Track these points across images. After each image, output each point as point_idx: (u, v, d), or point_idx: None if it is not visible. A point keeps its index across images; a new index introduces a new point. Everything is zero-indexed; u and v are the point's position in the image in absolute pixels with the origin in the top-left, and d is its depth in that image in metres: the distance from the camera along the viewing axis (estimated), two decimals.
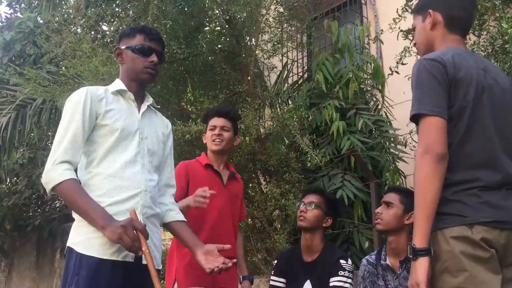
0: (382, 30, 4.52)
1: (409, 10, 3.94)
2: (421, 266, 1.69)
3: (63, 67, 6.24)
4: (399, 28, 3.97)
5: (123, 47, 2.23)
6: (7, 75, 6.79)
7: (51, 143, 8.72)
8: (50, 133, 8.27)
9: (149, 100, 2.27)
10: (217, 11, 5.00)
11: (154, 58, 2.18)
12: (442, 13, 1.99)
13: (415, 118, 1.82)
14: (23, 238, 8.57)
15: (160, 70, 2.29)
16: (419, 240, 1.70)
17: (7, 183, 8.77)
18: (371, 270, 2.93)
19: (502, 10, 3.43)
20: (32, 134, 7.26)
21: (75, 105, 2.06)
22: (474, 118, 1.80)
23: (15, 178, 8.72)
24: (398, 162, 4.73)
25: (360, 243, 4.45)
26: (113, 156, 2.06)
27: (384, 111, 5.01)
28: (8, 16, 10.34)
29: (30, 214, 8.31)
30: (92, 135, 2.07)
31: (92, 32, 5.98)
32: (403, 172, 4.75)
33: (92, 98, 2.08)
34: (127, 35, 2.24)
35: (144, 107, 2.23)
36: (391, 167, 4.56)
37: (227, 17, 4.96)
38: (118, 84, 2.23)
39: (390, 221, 2.83)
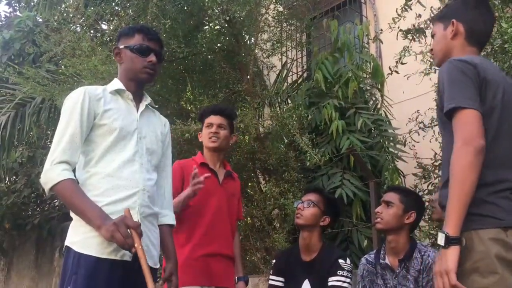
0: (381, 30, 4.52)
1: (409, 10, 3.95)
2: (452, 255, 1.70)
3: (63, 66, 6.24)
4: (398, 27, 3.97)
5: (121, 46, 2.23)
6: (7, 74, 6.78)
7: (50, 142, 8.70)
8: (49, 132, 8.25)
9: (147, 100, 2.27)
10: (216, 10, 5.00)
11: (152, 58, 2.17)
12: (464, 24, 2.03)
13: (450, 112, 1.82)
14: (22, 237, 8.56)
15: (159, 69, 2.29)
16: (453, 228, 1.71)
17: (6, 182, 8.76)
18: (370, 269, 2.93)
19: (501, 9, 3.44)
20: (31, 133, 7.25)
21: (73, 105, 2.07)
22: (502, 119, 1.84)
23: (14, 177, 8.71)
24: (398, 161, 4.74)
25: (359, 242, 4.46)
26: (111, 155, 2.06)
27: (384, 111, 5.01)
28: (8, 15, 10.33)
29: (29, 213, 8.31)
30: (90, 135, 2.08)
31: (92, 31, 5.97)
32: (402, 172, 4.75)
33: (90, 97, 2.08)
34: (126, 35, 2.24)
35: (142, 106, 2.23)
36: (390, 167, 4.57)
37: (227, 18, 4.96)
38: (116, 83, 2.23)
39: (390, 221, 2.84)
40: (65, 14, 6.09)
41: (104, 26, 6.16)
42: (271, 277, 3.22)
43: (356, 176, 4.60)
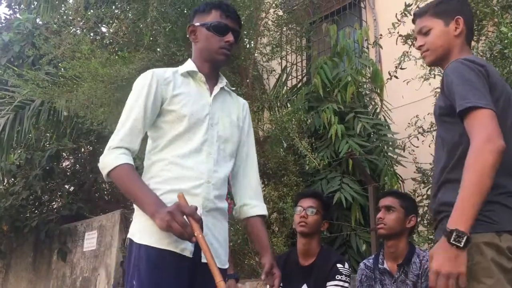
0: (381, 35, 4.53)
1: (408, 15, 3.95)
2: (465, 257, 1.59)
3: (62, 68, 6.24)
4: (398, 32, 3.98)
5: (197, 24, 2.05)
6: (6, 76, 6.79)
7: (49, 143, 8.70)
8: (48, 134, 8.25)
9: (222, 82, 2.09)
10: None
11: (230, 37, 2.00)
12: (466, 23, 1.99)
13: (465, 112, 1.72)
14: (20, 239, 8.53)
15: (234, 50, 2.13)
16: (469, 229, 1.58)
17: (4, 184, 8.74)
18: (368, 274, 2.93)
19: (501, 15, 3.45)
20: (30, 135, 7.25)
21: (139, 89, 1.93)
22: (500, 124, 1.76)
23: (12, 179, 8.69)
24: (397, 166, 4.74)
25: (357, 246, 4.45)
26: (179, 143, 1.91)
27: (383, 115, 5.02)
28: (8, 17, 10.34)
29: (27, 215, 8.28)
30: (157, 121, 1.94)
31: (91, 34, 5.99)
32: (401, 176, 4.75)
33: (158, 81, 1.94)
34: (202, 11, 2.06)
35: (216, 89, 2.05)
36: (390, 171, 4.56)
37: None
38: (189, 65, 2.07)
39: (393, 226, 2.84)
40: (65, 17, 6.11)
41: (104, 29, 6.17)
42: None
43: (355, 180, 4.60)
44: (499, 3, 3.54)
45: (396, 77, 4.17)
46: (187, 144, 1.91)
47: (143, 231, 1.81)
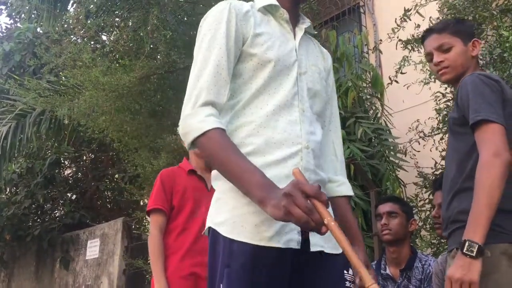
0: (381, 40, 4.55)
1: (408, 20, 3.97)
2: (478, 266, 1.67)
3: (63, 77, 6.27)
4: (397, 37, 3.99)
5: None
6: (7, 85, 6.82)
7: (50, 152, 8.71)
8: (49, 143, 8.26)
9: (305, 22, 1.65)
10: None
11: None
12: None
13: (476, 124, 1.81)
14: (22, 248, 8.53)
15: None
16: (482, 239, 1.68)
17: (6, 193, 8.75)
18: None
19: (500, 19, 3.45)
20: (31, 144, 7.27)
21: (216, 25, 1.48)
22: None
23: (14, 188, 8.71)
24: (398, 170, 4.73)
25: None
26: (264, 97, 1.47)
27: (384, 120, 5.02)
28: (8, 26, 10.39)
29: (30, 224, 8.29)
30: (236, 68, 1.49)
31: (92, 42, 6.01)
32: (403, 181, 4.74)
33: (237, 15, 1.50)
34: None
35: (300, 31, 1.62)
36: (391, 176, 4.56)
37: None
38: None
39: (398, 230, 2.88)
40: (65, 26, 6.14)
41: (104, 38, 6.20)
42: None
43: (357, 185, 4.59)
44: (498, 7, 3.54)
45: (397, 82, 4.18)
46: (273, 97, 1.47)
47: (234, 222, 1.38)
